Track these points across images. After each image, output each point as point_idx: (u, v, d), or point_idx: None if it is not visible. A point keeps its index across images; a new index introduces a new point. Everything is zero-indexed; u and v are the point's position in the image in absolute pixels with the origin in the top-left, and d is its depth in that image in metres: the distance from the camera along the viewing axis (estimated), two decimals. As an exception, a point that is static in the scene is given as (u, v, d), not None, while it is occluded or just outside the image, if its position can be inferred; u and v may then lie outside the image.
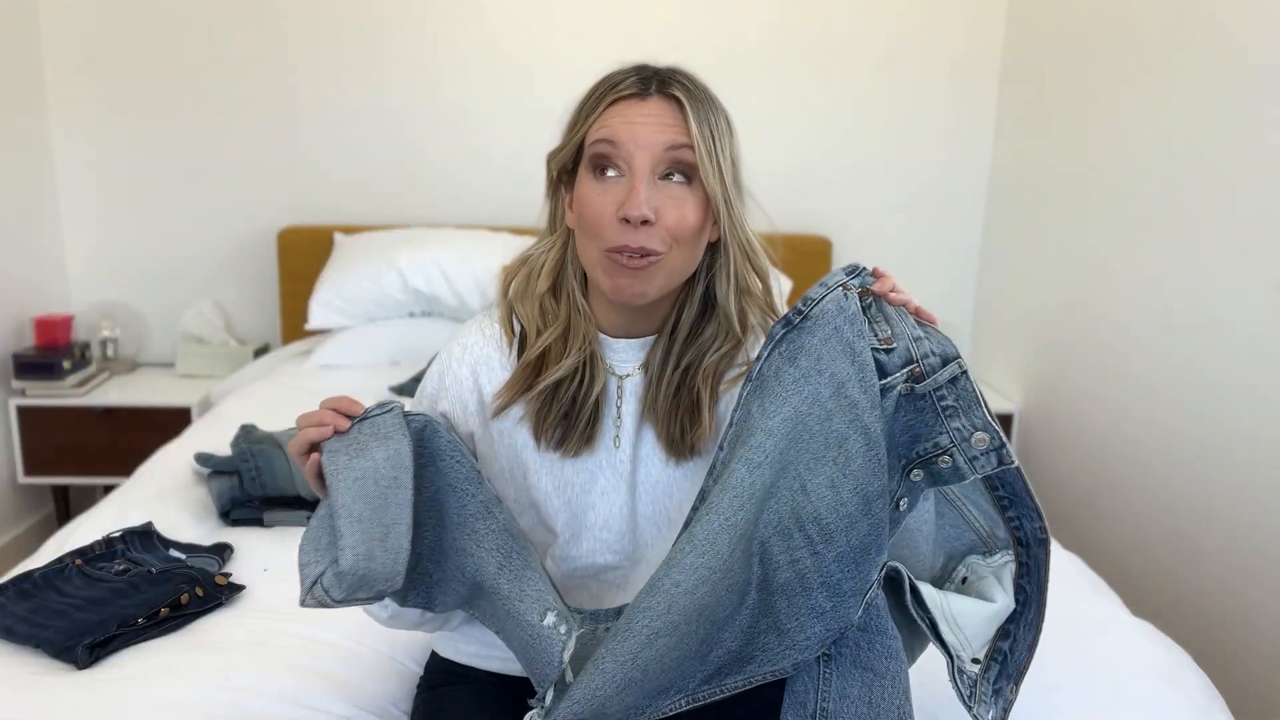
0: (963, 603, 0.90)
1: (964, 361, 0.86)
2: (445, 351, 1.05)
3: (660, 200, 0.91)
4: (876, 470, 0.84)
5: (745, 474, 0.85)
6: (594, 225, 0.93)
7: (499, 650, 1.06)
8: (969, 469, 0.85)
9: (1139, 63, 2.18)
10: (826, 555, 0.85)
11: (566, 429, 1.00)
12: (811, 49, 2.80)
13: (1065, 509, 2.49)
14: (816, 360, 0.86)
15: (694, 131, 0.91)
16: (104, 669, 1.20)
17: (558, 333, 0.99)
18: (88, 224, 2.80)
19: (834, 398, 0.85)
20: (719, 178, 0.92)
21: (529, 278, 1.02)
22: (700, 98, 0.94)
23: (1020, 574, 0.91)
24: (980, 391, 0.86)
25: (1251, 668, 1.82)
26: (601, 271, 0.94)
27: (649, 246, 0.91)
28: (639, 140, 0.91)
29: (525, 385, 0.99)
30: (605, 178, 0.93)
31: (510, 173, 2.78)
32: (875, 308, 0.88)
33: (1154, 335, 2.12)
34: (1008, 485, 0.89)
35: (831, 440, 0.85)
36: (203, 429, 2.09)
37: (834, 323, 0.86)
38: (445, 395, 1.03)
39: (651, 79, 0.94)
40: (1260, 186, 1.81)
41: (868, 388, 0.85)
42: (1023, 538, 0.91)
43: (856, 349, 0.85)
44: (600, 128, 0.93)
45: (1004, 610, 0.90)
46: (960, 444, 0.85)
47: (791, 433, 0.86)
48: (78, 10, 2.66)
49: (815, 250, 2.85)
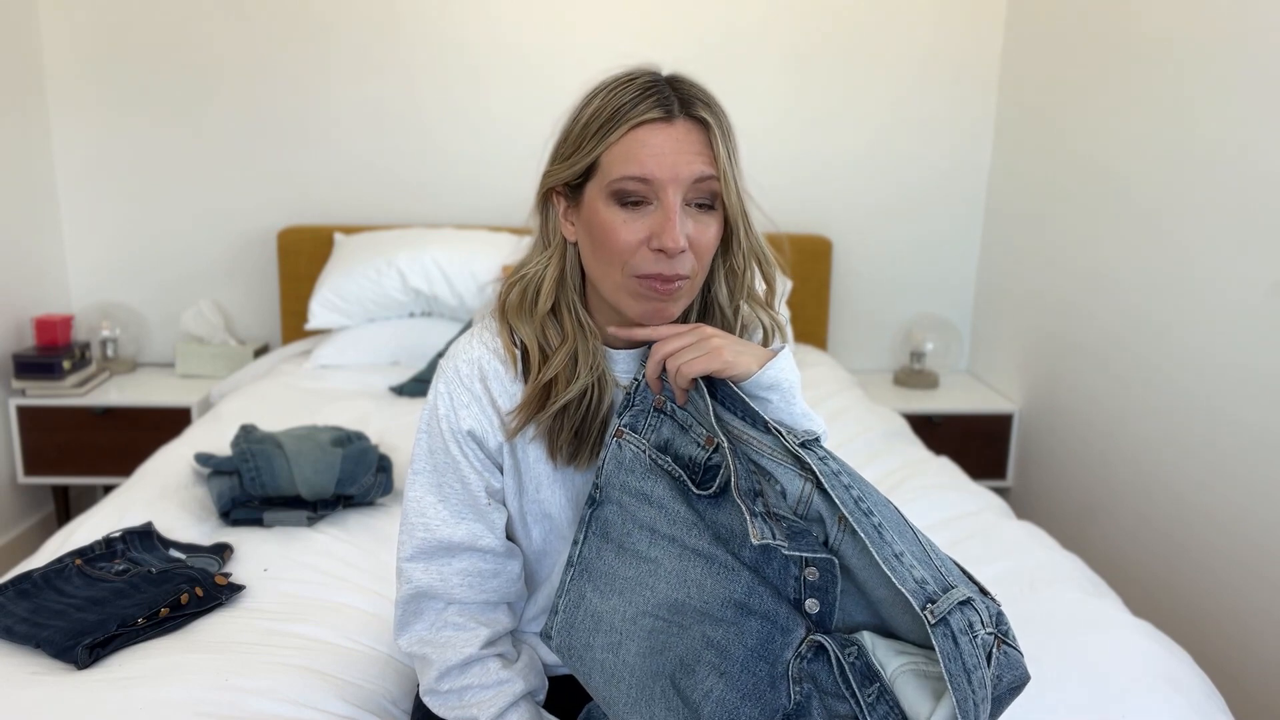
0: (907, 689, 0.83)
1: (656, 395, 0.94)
2: (448, 371, 1.02)
3: (690, 227, 0.92)
4: (729, 578, 0.87)
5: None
6: (620, 253, 0.92)
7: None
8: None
9: (1138, 62, 2.18)
10: (732, 671, 0.87)
11: (578, 445, 1.00)
12: (811, 49, 2.80)
13: (1065, 509, 2.49)
14: (627, 535, 0.95)
15: (720, 157, 0.91)
16: (104, 669, 1.20)
17: (566, 356, 0.98)
18: (88, 224, 2.80)
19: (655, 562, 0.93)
20: (736, 197, 0.93)
21: (525, 294, 1.00)
22: (719, 114, 0.93)
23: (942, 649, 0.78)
24: (708, 404, 0.90)
25: (1251, 668, 1.82)
26: (628, 296, 0.94)
27: (683, 273, 0.92)
28: (670, 174, 0.90)
29: (538, 407, 0.99)
30: (631, 207, 0.92)
31: (510, 173, 2.77)
32: (670, 409, 0.94)
33: (1153, 335, 2.12)
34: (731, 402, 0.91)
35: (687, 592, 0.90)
36: (203, 429, 2.08)
37: (617, 481, 0.95)
38: (465, 413, 1.00)
39: (671, 99, 0.92)
40: (1260, 186, 1.81)
41: (674, 516, 0.91)
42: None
43: (645, 492, 0.93)
44: (626, 158, 0.91)
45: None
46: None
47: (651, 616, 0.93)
48: (78, 11, 2.66)
49: (815, 250, 2.85)
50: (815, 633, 0.85)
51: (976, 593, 0.84)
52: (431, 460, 1.02)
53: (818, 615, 0.86)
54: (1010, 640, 0.84)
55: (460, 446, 1.00)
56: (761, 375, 0.91)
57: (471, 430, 1.00)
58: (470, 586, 1.02)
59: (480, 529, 1.02)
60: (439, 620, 1.02)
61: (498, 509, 1.04)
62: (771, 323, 1.03)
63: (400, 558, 1.03)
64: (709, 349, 0.90)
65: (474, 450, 1.01)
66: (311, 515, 1.64)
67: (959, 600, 0.80)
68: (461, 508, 1.02)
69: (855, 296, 2.99)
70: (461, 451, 1.01)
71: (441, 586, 1.01)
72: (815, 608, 0.85)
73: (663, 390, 0.94)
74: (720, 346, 0.90)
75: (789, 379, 0.93)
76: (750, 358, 0.91)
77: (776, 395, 0.92)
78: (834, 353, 3.00)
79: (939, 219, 2.95)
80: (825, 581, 0.85)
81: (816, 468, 0.85)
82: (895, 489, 1.86)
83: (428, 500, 1.02)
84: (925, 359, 2.90)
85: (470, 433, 1.00)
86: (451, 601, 1.02)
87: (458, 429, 1.00)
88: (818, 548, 0.85)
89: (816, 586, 0.85)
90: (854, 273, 2.97)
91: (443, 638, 1.01)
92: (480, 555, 1.02)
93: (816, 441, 0.90)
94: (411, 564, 1.02)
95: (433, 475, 1.02)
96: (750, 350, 0.92)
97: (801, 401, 0.95)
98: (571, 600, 0.99)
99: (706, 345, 0.90)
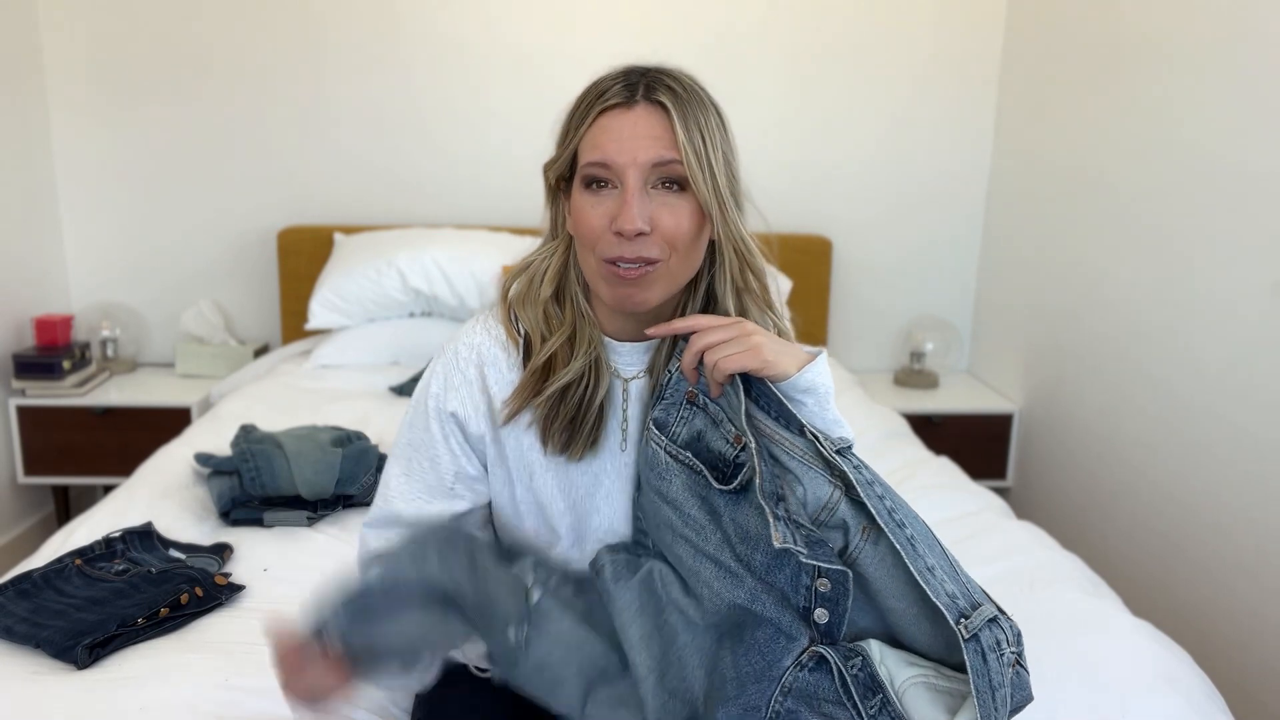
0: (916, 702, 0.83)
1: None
2: (448, 352, 1.04)
3: (654, 209, 0.91)
4: (734, 583, 0.88)
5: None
6: (590, 237, 0.93)
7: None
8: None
9: (1138, 62, 2.18)
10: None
11: (573, 433, 1.00)
12: (812, 50, 2.80)
13: (1065, 509, 2.49)
14: (656, 529, 0.96)
15: (681, 140, 0.90)
16: (104, 669, 1.20)
17: (564, 338, 0.99)
18: (88, 224, 2.80)
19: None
20: (710, 182, 0.91)
21: (531, 283, 1.02)
22: (687, 100, 0.92)
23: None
24: (741, 397, 0.89)
25: (1251, 668, 1.82)
26: (602, 282, 0.94)
27: (647, 255, 0.91)
28: (627, 157, 0.90)
29: (534, 390, 0.99)
30: (598, 191, 0.92)
31: (510, 172, 2.78)
32: (703, 402, 0.94)
33: (1153, 335, 2.12)
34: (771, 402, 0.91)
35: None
36: (203, 429, 2.08)
37: (645, 476, 0.96)
38: (454, 395, 1.02)
39: (637, 85, 0.92)
40: (1260, 186, 1.81)
41: (687, 518, 0.92)
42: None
43: (663, 491, 0.94)
44: (591, 146, 0.92)
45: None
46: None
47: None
48: (78, 11, 2.66)
49: (815, 250, 2.85)
50: (819, 644, 0.85)
51: (998, 611, 0.84)
52: (409, 434, 1.05)
53: (826, 626, 0.85)
54: (1023, 661, 0.84)
55: (441, 426, 1.02)
56: (799, 378, 0.90)
57: (455, 412, 1.02)
58: None
59: (433, 511, 1.04)
60: None
61: (463, 495, 1.05)
62: (774, 325, 1.03)
63: (364, 520, 1.08)
64: (749, 345, 0.88)
65: (454, 432, 1.02)
66: (311, 515, 1.64)
67: (988, 617, 0.80)
68: (421, 488, 1.04)
69: (855, 297, 2.99)
70: (441, 431, 1.02)
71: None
72: (824, 618, 0.85)
73: (698, 382, 0.93)
74: (761, 344, 0.89)
75: (825, 384, 0.92)
76: (790, 359, 0.90)
77: (812, 399, 0.91)
78: (834, 353, 2.99)
79: (939, 219, 2.95)
80: (837, 594, 0.85)
81: (852, 475, 0.85)
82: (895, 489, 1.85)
83: (393, 471, 1.05)
84: (925, 359, 2.90)
85: (454, 414, 1.02)
86: None
87: (442, 409, 1.02)
88: (833, 559, 0.85)
89: (827, 598, 0.85)
90: (854, 273, 2.97)
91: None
92: None
93: (850, 449, 0.89)
94: (368, 529, 1.07)
95: (406, 449, 1.05)
96: (790, 351, 0.91)
97: (834, 408, 0.95)
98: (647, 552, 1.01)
99: (747, 342, 0.89)
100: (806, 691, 0.84)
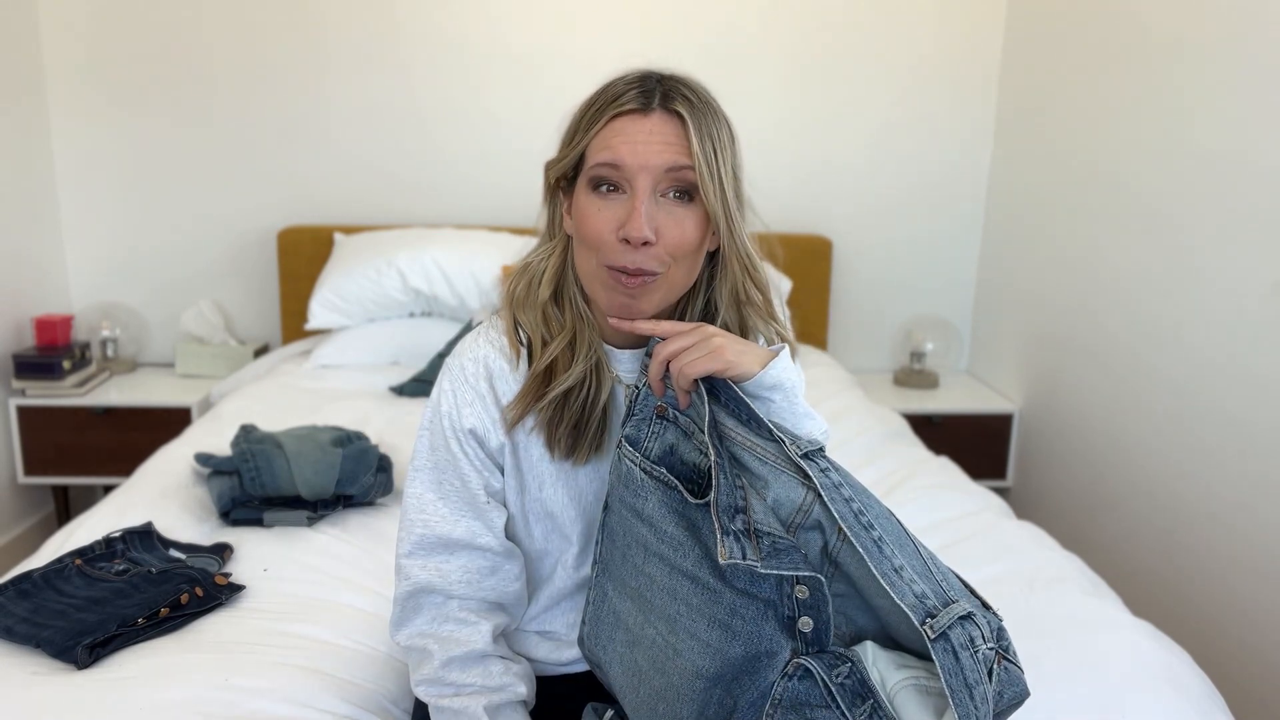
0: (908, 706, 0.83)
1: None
2: (454, 368, 1.02)
3: (661, 219, 0.91)
4: (712, 600, 0.87)
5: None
6: (593, 241, 0.92)
7: (499, 650, 1.06)
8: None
9: (1138, 62, 2.18)
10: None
11: (576, 437, 1.00)
12: (812, 49, 2.80)
13: (1065, 509, 2.49)
14: (628, 547, 0.95)
15: (695, 149, 0.90)
16: (104, 669, 1.20)
17: (564, 342, 0.98)
18: (88, 224, 2.80)
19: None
20: (719, 194, 0.91)
21: (530, 285, 1.01)
22: (703, 111, 0.92)
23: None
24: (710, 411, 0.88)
25: (1251, 668, 1.82)
26: (599, 286, 0.94)
27: (647, 268, 0.91)
28: (641, 161, 0.90)
29: (536, 395, 0.99)
30: (605, 194, 0.92)
31: (510, 172, 2.78)
32: (673, 415, 0.93)
33: (1154, 334, 2.12)
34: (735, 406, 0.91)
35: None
36: (203, 429, 2.08)
37: (618, 493, 0.95)
38: (468, 411, 1.00)
39: (654, 92, 0.92)
40: (1260, 185, 1.81)
41: (663, 535, 0.90)
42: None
43: (638, 509, 0.92)
44: (602, 147, 0.91)
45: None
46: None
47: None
48: (78, 11, 2.66)
49: (815, 250, 2.85)
50: (802, 654, 0.85)
51: (978, 607, 0.83)
52: (433, 457, 1.02)
53: (812, 633, 0.85)
54: (1011, 656, 0.83)
55: (461, 444, 1.01)
56: (764, 375, 0.90)
57: (473, 429, 1.00)
58: (468, 583, 1.02)
59: (479, 527, 1.02)
60: (440, 615, 1.02)
61: (497, 508, 1.04)
62: (774, 335, 1.02)
63: (399, 554, 1.03)
64: (711, 349, 0.89)
65: (474, 449, 1.01)
66: (311, 515, 1.64)
67: (959, 615, 0.79)
68: (461, 505, 1.02)
69: (855, 296, 2.99)
70: (462, 449, 1.01)
71: (440, 582, 1.01)
72: (809, 625, 0.85)
73: (665, 393, 0.93)
74: (722, 346, 0.89)
75: (791, 378, 0.92)
76: (752, 357, 0.90)
77: (779, 395, 0.92)
78: (834, 353, 3.00)
79: (939, 219, 2.95)
80: (816, 600, 0.84)
81: (817, 480, 0.84)
82: (895, 489, 1.86)
83: (427, 497, 1.02)
84: (925, 359, 2.90)
85: (472, 431, 1.01)
86: (451, 596, 1.02)
87: (459, 427, 1.00)
88: (800, 564, 0.84)
89: (808, 604, 0.84)
90: (854, 273, 2.97)
91: (445, 631, 1.01)
92: (478, 553, 1.02)
93: (820, 451, 0.89)
94: (410, 560, 1.02)
95: (433, 472, 1.02)
96: (752, 350, 0.91)
97: (803, 401, 0.95)
98: (597, 595, 1.00)
99: (708, 345, 0.89)
100: (797, 700, 0.83)
